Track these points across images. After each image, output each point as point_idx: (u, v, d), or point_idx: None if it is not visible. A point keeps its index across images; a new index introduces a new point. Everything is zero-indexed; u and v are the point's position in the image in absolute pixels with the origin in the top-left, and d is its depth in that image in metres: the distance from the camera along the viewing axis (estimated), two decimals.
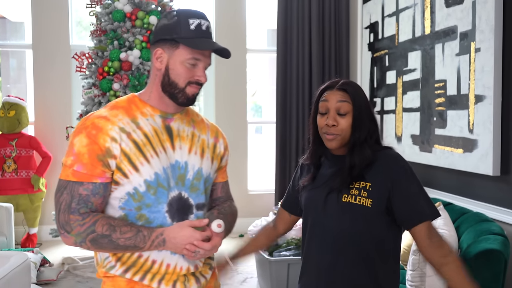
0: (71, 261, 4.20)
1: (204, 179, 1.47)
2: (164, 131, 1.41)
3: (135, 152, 1.35)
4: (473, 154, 3.03)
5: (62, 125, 5.07)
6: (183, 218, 1.40)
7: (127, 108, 1.40)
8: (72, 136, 1.36)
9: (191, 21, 1.37)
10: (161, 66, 1.40)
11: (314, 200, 1.58)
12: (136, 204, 1.36)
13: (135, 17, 4.10)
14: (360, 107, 1.52)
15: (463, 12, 3.11)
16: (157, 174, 1.36)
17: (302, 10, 5.10)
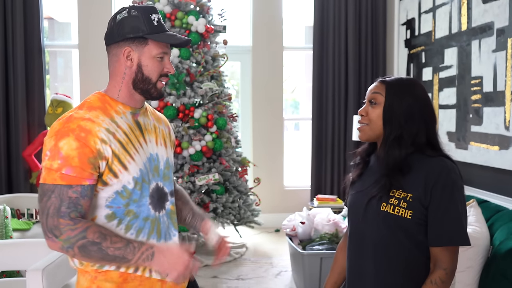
0: None
1: (171, 167, 1.56)
2: (135, 126, 1.45)
3: (122, 151, 1.37)
4: (509, 152, 3.00)
5: None
6: (162, 206, 1.48)
7: (103, 108, 1.41)
8: (54, 139, 1.32)
9: (152, 17, 1.41)
10: (131, 64, 1.42)
11: (356, 206, 1.55)
12: (124, 201, 1.38)
13: (175, 17, 4.24)
14: (392, 100, 1.46)
15: (500, 8, 3.08)
16: (141, 170, 1.41)
17: (338, 7, 5.12)
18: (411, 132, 1.46)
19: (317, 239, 3.39)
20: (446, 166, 1.43)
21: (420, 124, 1.47)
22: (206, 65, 4.32)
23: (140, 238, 1.40)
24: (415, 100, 1.47)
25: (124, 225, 1.39)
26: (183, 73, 4.15)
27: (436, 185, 1.40)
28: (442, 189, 1.40)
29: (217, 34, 4.42)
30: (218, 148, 4.20)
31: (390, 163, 1.46)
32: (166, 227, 1.48)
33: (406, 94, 1.48)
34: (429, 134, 1.48)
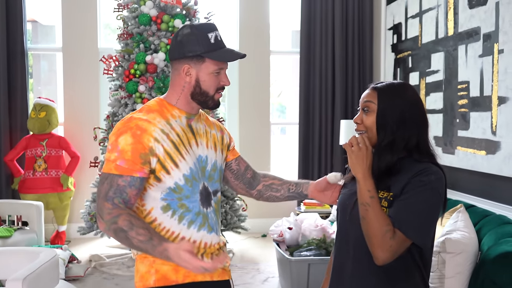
0: (98, 258, 4.32)
1: (218, 170, 1.69)
2: (188, 129, 1.61)
3: (174, 151, 1.53)
4: (496, 156, 3.00)
5: (90, 126, 5.20)
6: (209, 203, 1.62)
7: (160, 111, 1.58)
8: (115, 135, 1.50)
9: (209, 35, 1.56)
10: (190, 79, 1.57)
11: (343, 206, 1.57)
12: (177, 195, 1.54)
13: (161, 20, 4.19)
14: (384, 106, 1.47)
15: (486, 13, 3.09)
16: (191, 169, 1.56)
17: (325, 12, 5.12)
18: (403, 137, 1.47)
19: (304, 245, 3.36)
20: (429, 168, 1.44)
21: (412, 129, 1.48)
22: None
23: (192, 229, 1.55)
24: (407, 104, 1.48)
25: (177, 216, 1.54)
26: (169, 77, 4.09)
27: (411, 180, 1.42)
28: (416, 183, 1.41)
29: None
30: None
31: (382, 167, 1.47)
32: (214, 222, 1.64)
33: (397, 99, 1.49)
34: (420, 138, 1.49)
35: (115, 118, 4.23)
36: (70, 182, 4.81)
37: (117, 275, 3.94)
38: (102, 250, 4.66)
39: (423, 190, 1.40)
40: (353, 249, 1.50)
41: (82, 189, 5.23)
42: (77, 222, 5.21)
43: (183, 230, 1.55)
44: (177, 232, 1.55)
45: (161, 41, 4.14)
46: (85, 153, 5.20)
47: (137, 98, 4.09)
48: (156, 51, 4.17)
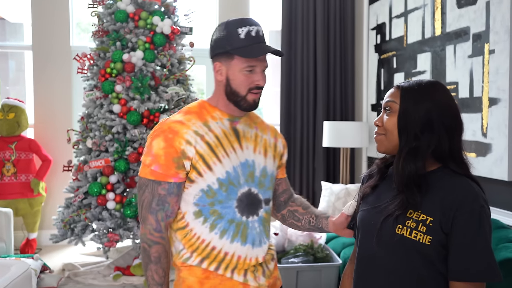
0: (72, 267, 4.11)
1: (269, 176, 1.58)
2: (232, 132, 1.53)
3: (209, 152, 1.46)
4: (486, 159, 2.95)
5: (63, 128, 4.98)
6: (254, 212, 1.52)
7: (199, 113, 1.52)
8: (151, 138, 1.47)
9: (239, 31, 1.46)
10: (222, 78, 1.50)
11: (368, 225, 1.37)
12: (209, 200, 1.47)
13: (138, 17, 4.01)
14: (407, 106, 1.29)
15: (476, 13, 3.03)
16: (228, 172, 1.47)
17: (307, 11, 5.02)
18: (429, 143, 1.28)
19: (291, 251, 3.24)
20: (472, 190, 1.25)
21: (441, 133, 1.28)
22: (171, 68, 4.10)
23: (224, 240, 1.48)
24: (434, 104, 1.28)
25: (209, 224, 1.47)
26: (148, 76, 3.92)
27: (460, 211, 1.22)
28: (470, 216, 1.22)
29: (183, 36, 4.22)
30: None
31: (405, 178, 1.28)
32: (256, 233, 1.53)
33: (423, 98, 1.29)
34: (452, 145, 1.30)
35: (90, 120, 4.02)
36: (41, 187, 4.57)
37: (93, 285, 3.74)
38: (76, 258, 4.43)
39: (479, 223, 1.22)
40: (385, 277, 1.31)
41: (54, 194, 4.99)
42: (49, 229, 4.98)
43: (215, 240, 1.48)
44: (208, 240, 1.48)
45: (139, 39, 3.96)
46: (57, 156, 4.96)
47: (114, 99, 3.89)
48: (133, 49, 3.98)
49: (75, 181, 3.99)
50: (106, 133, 3.88)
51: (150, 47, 3.99)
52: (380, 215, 1.33)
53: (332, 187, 4.08)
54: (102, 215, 3.82)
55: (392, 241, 1.28)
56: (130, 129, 3.86)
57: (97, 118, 3.95)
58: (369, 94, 4.63)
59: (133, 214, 3.77)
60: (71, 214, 3.90)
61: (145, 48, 3.96)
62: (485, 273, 1.21)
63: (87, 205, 3.91)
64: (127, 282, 3.78)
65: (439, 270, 1.27)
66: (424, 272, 1.26)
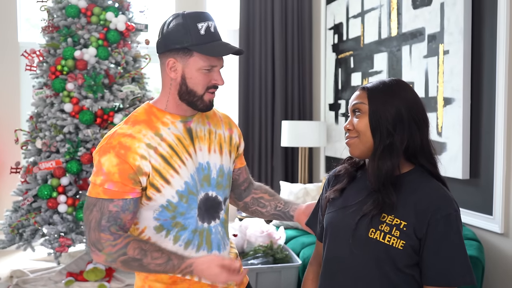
0: (20, 274, 3.91)
1: (226, 175, 1.51)
2: (186, 135, 1.43)
3: (164, 166, 1.36)
4: (442, 157, 3.00)
5: (10, 128, 4.75)
6: (213, 216, 1.45)
7: (148, 121, 1.40)
8: (98, 155, 1.35)
9: (199, 26, 1.35)
10: (175, 76, 1.39)
11: (338, 227, 1.33)
12: (170, 214, 1.39)
13: (91, 13, 3.86)
14: (377, 105, 1.28)
15: (431, 13, 3.08)
16: (186, 182, 1.39)
17: (264, 11, 4.99)
18: (402, 138, 1.27)
19: (251, 252, 3.19)
20: (447, 195, 1.26)
21: (412, 128, 1.28)
22: (126, 66, 3.97)
23: (189, 250, 1.41)
24: (402, 101, 1.29)
25: (172, 236, 1.40)
26: (101, 74, 3.78)
27: (436, 216, 1.22)
28: (446, 221, 1.22)
29: (138, 33, 4.09)
30: None
31: (382, 177, 1.26)
32: (220, 237, 1.48)
33: (390, 96, 1.29)
34: (423, 139, 1.30)
35: (40, 119, 3.84)
36: None
37: None
38: (25, 264, 4.23)
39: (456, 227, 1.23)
40: (353, 282, 1.28)
41: (1, 197, 4.75)
42: None
43: (179, 252, 1.39)
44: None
45: (91, 35, 3.81)
46: (4, 157, 4.73)
47: (65, 97, 3.73)
48: (86, 46, 3.83)
49: (23, 183, 3.80)
50: (57, 133, 3.72)
51: (104, 44, 3.85)
52: (354, 215, 1.30)
53: (291, 186, 4.07)
54: (53, 218, 3.65)
55: (365, 244, 1.26)
56: (83, 129, 3.71)
57: (47, 118, 3.77)
58: (326, 93, 4.65)
59: None
60: (19, 218, 3.71)
61: (98, 45, 3.82)
62: (465, 277, 1.22)
63: (36, 209, 3.72)
64: None
65: (410, 276, 1.25)
66: (395, 278, 1.25)
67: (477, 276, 2.15)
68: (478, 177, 2.78)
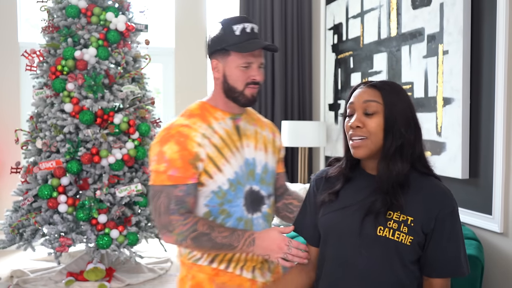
0: (20, 273, 3.91)
1: (270, 173, 1.63)
2: (234, 131, 1.57)
3: (217, 155, 1.51)
4: (441, 157, 3.01)
5: (10, 128, 4.76)
6: (257, 209, 1.57)
7: (201, 115, 1.55)
8: (159, 145, 1.49)
9: (234, 28, 1.50)
10: (218, 75, 1.55)
11: (343, 225, 1.31)
12: (219, 200, 1.51)
13: (91, 13, 3.86)
14: (393, 107, 1.27)
15: (430, 14, 3.09)
16: (236, 172, 1.53)
17: (264, 11, 5.00)
18: (410, 141, 1.28)
19: None
20: (448, 190, 1.30)
21: (416, 131, 1.30)
22: (126, 66, 3.98)
23: None
24: (407, 102, 1.31)
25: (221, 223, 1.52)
26: (101, 74, 3.78)
27: (443, 211, 1.26)
28: (452, 215, 1.27)
29: (138, 33, 4.10)
30: (140, 156, 3.88)
31: (392, 179, 1.26)
32: (261, 230, 1.55)
33: (399, 96, 1.29)
34: (421, 144, 1.32)
35: (40, 119, 3.84)
36: None
37: None
38: (25, 265, 4.24)
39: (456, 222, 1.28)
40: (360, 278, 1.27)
41: (3, 197, 4.75)
42: None
43: None
44: None
45: (91, 35, 3.82)
46: (4, 158, 4.73)
47: (65, 97, 3.74)
48: (86, 46, 3.84)
49: (24, 183, 3.81)
50: (57, 133, 3.72)
51: (104, 44, 3.86)
52: (356, 215, 1.29)
53: (291, 186, 4.07)
54: (53, 218, 3.66)
55: (374, 242, 1.26)
56: (83, 129, 3.72)
57: (47, 118, 3.78)
58: (326, 93, 4.66)
59: (86, 217, 3.63)
60: (19, 218, 3.72)
61: (98, 45, 3.83)
62: (466, 267, 1.27)
63: (37, 209, 3.73)
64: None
65: (412, 271, 1.28)
66: (402, 275, 1.26)
67: (476, 276, 2.16)
68: (478, 177, 2.79)
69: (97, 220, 3.65)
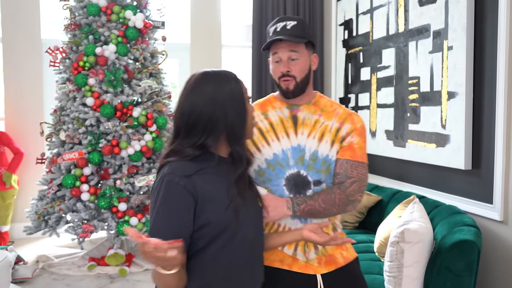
0: (45, 258, 4.14)
1: (320, 160, 1.68)
2: (290, 119, 1.70)
3: (259, 137, 1.67)
4: (445, 149, 3.13)
5: (34, 121, 4.97)
6: (299, 192, 1.66)
7: (262, 104, 1.74)
8: None
9: (271, 30, 1.67)
10: (271, 71, 1.73)
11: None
12: (261, 178, 1.67)
13: (111, 11, 4.05)
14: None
15: (436, 11, 3.20)
16: (275, 154, 1.66)
17: (277, 7, 5.13)
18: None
19: None
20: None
21: None
22: (144, 62, 4.16)
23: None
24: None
25: None
26: (121, 70, 3.97)
27: None
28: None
29: (155, 30, 4.27)
30: (158, 148, 4.07)
31: None
32: None
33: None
34: None
35: (63, 112, 4.05)
36: (13, 180, 4.57)
37: (68, 276, 3.79)
38: (49, 250, 4.46)
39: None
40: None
41: (26, 187, 4.99)
42: (21, 222, 4.98)
43: None
44: None
45: (111, 32, 4.00)
46: (30, 149, 4.96)
47: (87, 92, 3.93)
48: (106, 43, 4.02)
49: (48, 173, 4.02)
50: (80, 126, 3.92)
51: (123, 41, 4.04)
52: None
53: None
54: (76, 206, 3.87)
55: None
56: (104, 122, 3.91)
57: (70, 111, 3.98)
58: (337, 87, 4.79)
59: (107, 205, 3.83)
60: (45, 206, 3.93)
61: (117, 41, 4.01)
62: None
63: (61, 197, 3.94)
64: (102, 272, 3.85)
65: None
66: None
67: (473, 259, 2.29)
68: (479, 167, 2.91)
69: (118, 208, 3.85)
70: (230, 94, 1.30)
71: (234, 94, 1.31)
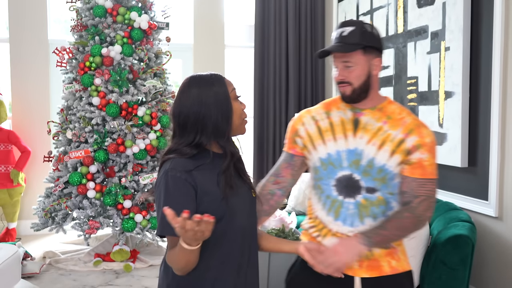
0: (52, 254, 4.24)
1: (377, 168, 1.63)
2: (351, 122, 1.68)
3: (317, 135, 1.72)
4: (443, 147, 3.21)
5: (41, 120, 5.07)
6: (350, 195, 1.66)
7: (328, 104, 1.77)
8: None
9: (332, 35, 1.68)
10: None
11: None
12: (316, 176, 1.73)
13: (116, 12, 4.14)
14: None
15: (434, 12, 3.28)
16: (329, 154, 1.69)
17: (279, 7, 5.21)
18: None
19: None
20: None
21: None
22: (149, 62, 4.25)
23: (324, 211, 1.70)
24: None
25: (317, 196, 1.73)
26: (126, 70, 4.06)
27: None
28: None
29: (160, 31, 4.36)
30: (162, 146, 4.16)
31: None
32: (348, 214, 1.65)
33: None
34: None
35: (70, 112, 4.14)
36: (20, 178, 4.67)
37: (74, 271, 3.89)
38: (56, 247, 4.56)
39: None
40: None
41: (33, 184, 5.08)
42: (28, 219, 5.08)
43: (318, 210, 1.72)
44: (315, 209, 1.74)
45: (117, 33, 4.09)
46: (36, 147, 5.06)
47: (93, 91, 4.03)
48: (112, 44, 4.12)
49: (55, 171, 4.11)
50: (86, 125, 4.02)
51: (128, 42, 4.13)
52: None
53: (305, 176, 4.30)
54: (82, 203, 3.96)
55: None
56: (109, 121, 4.00)
57: (76, 110, 4.07)
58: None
59: (113, 203, 3.92)
60: (51, 203, 4.03)
61: (123, 42, 4.10)
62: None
63: (67, 194, 4.04)
64: (107, 268, 3.94)
65: None
66: None
67: (467, 253, 2.37)
68: (475, 165, 2.99)
69: (123, 205, 3.95)
70: (214, 95, 1.41)
71: (218, 95, 1.42)
